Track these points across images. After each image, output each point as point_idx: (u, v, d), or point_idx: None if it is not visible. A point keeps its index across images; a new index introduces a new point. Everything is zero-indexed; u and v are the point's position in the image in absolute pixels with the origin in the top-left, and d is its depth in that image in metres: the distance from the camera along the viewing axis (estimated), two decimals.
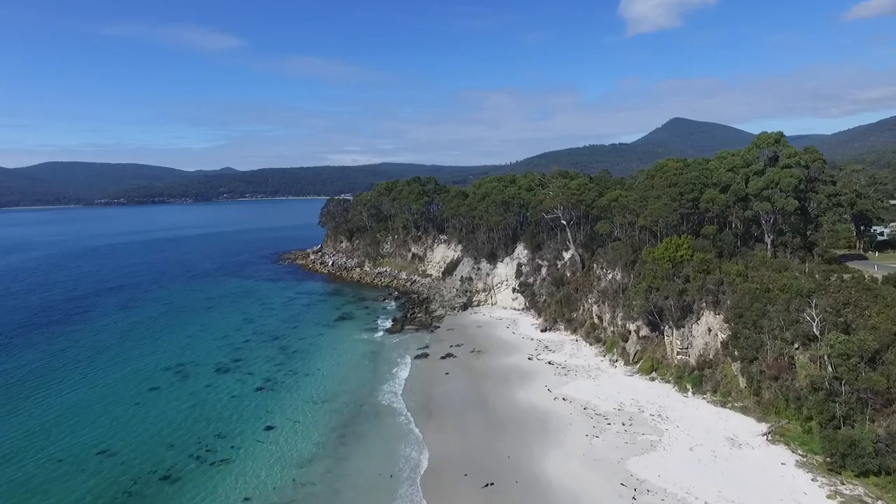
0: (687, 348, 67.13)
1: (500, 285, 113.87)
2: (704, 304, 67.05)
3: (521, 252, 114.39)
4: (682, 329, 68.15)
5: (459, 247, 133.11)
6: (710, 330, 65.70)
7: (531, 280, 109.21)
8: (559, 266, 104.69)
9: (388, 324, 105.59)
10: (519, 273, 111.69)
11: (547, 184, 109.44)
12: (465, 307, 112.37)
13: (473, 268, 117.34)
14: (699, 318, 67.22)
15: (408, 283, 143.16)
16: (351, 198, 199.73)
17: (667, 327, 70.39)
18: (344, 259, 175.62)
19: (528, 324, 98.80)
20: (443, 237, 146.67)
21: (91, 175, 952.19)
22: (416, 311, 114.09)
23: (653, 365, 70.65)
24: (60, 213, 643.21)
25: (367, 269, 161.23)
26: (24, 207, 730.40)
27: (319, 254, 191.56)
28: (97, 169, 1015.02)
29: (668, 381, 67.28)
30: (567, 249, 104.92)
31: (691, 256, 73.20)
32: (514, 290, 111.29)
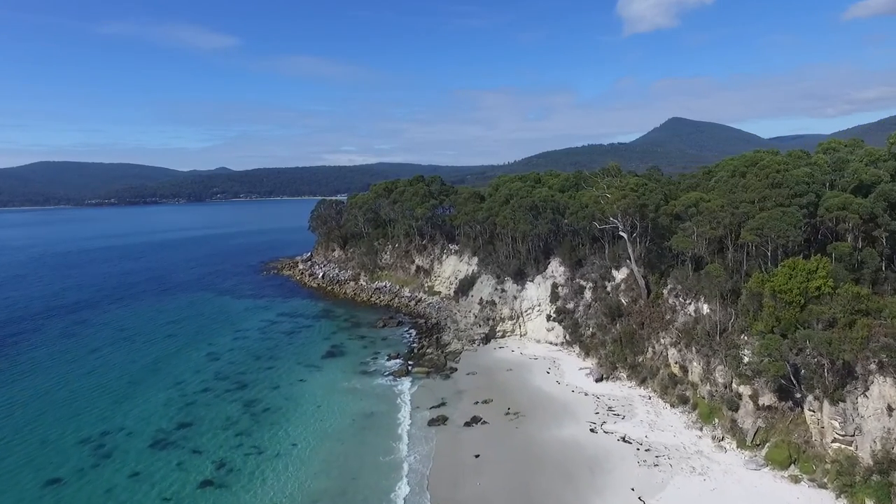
0: (853, 434, 43.89)
1: (530, 311, 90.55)
2: (874, 367, 43.95)
3: (556, 269, 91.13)
4: (839, 404, 44.92)
5: (475, 260, 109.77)
6: (891, 409, 42.56)
7: (571, 305, 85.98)
8: (609, 289, 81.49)
9: (390, 364, 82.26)
10: (555, 296, 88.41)
11: (590, 183, 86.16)
12: (486, 339, 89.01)
13: (496, 288, 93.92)
14: (868, 388, 44.08)
15: (412, 303, 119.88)
16: (345, 199, 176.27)
17: (811, 398, 47.18)
18: (336, 270, 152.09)
19: (575, 366, 75.51)
20: (453, 247, 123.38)
21: (83, 175, 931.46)
22: (425, 343, 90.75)
23: (790, 454, 47.39)
24: (47, 214, 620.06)
25: (363, 284, 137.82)
26: (12, 208, 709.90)
27: (309, 263, 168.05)
28: (89, 169, 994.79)
29: (823, 486, 44.05)
30: (618, 267, 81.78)
31: (833, 289, 50.17)
32: (548, 317, 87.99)
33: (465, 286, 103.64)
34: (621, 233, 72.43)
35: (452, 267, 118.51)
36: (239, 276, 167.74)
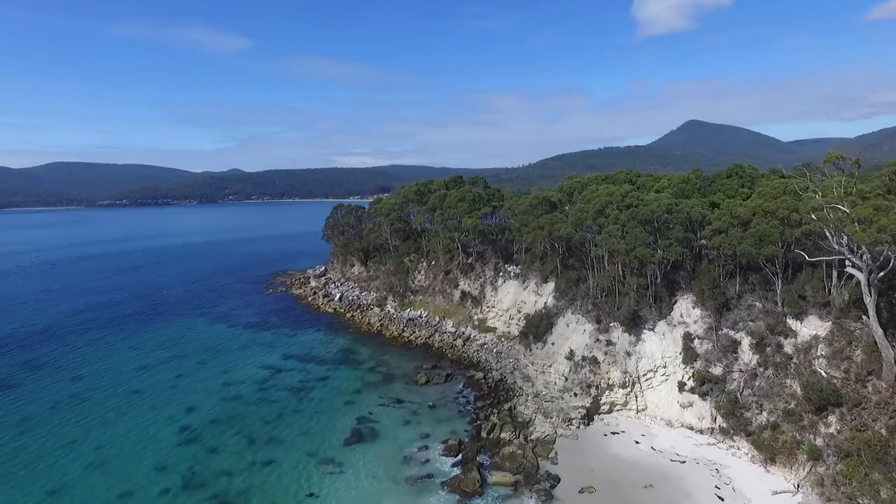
0: None
1: (650, 375, 61.42)
2: None
3: (687, 311, 61.99)
4: None
5: (547, 289, 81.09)
6: None
7: (719, 370, 56.83)
8: (789, 350, 52.27)
9: (448, 461, 53.58)
10: (690, 354, 59.27)
11: (805, 183, 56.64)
12: (588, 418, 60.13)
13: (597, 339, 64.71)
14: None
15: (458, 342, 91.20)
16: (366, 205, 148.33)
17: None
18: (357, 292, 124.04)
19: (759, 484, 46.19)
20: (511, 269, 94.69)
21: (96, 176, 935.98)
22: (494, 416, 62.06)
23: None
24: (55, 215, 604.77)
25: (391, 311, 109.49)
26: (25, 209, 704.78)
27: (323, 280, 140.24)
28: (103, 170, 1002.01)
29: None
30: (799, 315, 52.61)
31: None
32: (681, 386, 58.92)
33: (540, 327, 74.65)
34: (851, 270, 43.14)
35: (513, 296, 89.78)
36: (240, 294, 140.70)
